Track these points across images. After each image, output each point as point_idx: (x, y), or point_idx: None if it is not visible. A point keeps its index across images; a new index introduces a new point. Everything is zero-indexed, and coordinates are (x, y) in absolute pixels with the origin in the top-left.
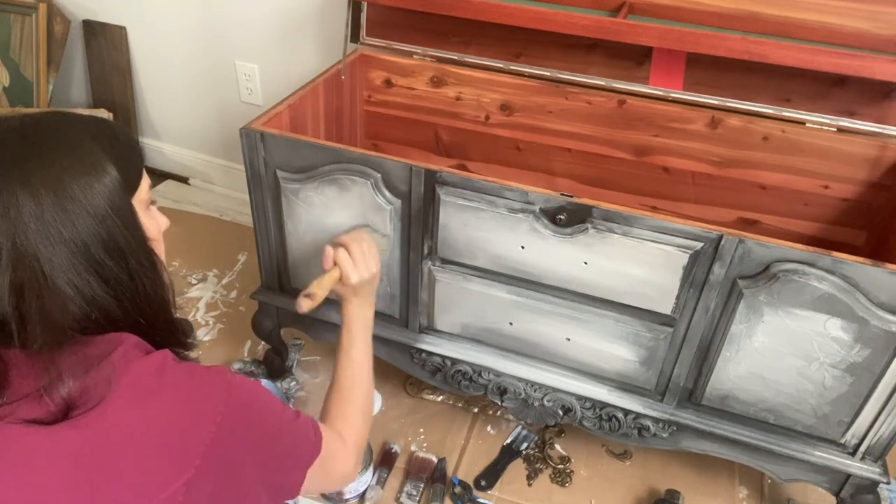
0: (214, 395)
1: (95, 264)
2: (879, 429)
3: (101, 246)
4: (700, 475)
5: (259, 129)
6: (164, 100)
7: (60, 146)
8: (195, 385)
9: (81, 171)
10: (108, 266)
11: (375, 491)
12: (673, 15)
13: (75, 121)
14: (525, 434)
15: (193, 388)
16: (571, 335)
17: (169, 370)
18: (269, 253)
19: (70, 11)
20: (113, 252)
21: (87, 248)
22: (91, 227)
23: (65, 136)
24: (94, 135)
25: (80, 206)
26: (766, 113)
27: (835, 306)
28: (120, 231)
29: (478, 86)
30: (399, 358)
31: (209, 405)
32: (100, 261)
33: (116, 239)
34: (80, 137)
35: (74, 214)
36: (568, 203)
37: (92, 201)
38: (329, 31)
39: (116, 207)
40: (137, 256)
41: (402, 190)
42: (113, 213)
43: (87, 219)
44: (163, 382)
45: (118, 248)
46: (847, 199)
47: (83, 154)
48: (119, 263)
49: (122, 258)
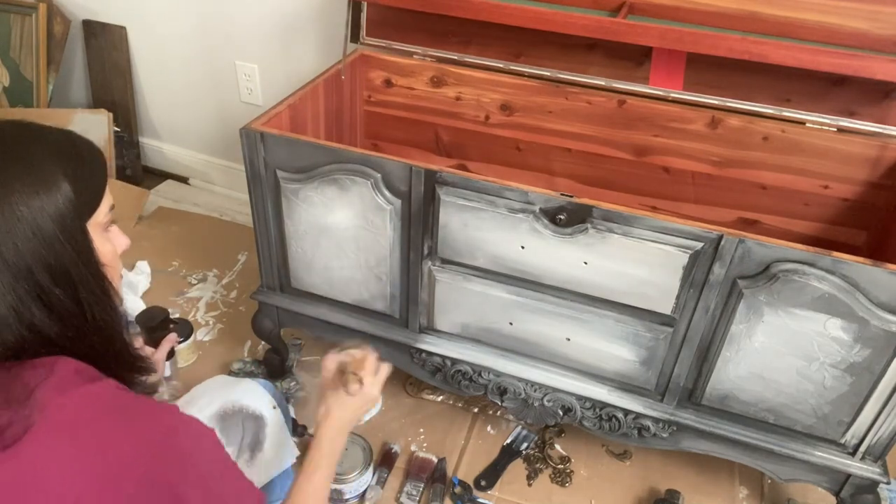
0: (149, 436)
1: (39, 290)
2: (879, 429)
3: (47, 271)
4: (700, 475)
5: (259, 129)
6: (164, 100)
7: (15, 162)
8: (131, 423)
9: (32, 191)
10: (54, 293)
11: (375, 491)
12: (673, 15)
13: (38, 135)
14: (525, 434)
15: (128, 426)
16: (571, 335)
17: (106, 403)
18: (269, 253)
19: (70, 11)
20: (60, 278)
21: (30, 273)
22: (36, 250)
23: (23, 151)
24: (56, 151)
25: (27, 226)
26: (766, 113)
27: (835, 306)
28: (69, 257)
29: (478, 86)
30: (399, 358)
31: (140, 447)
32: (45, 287)
33: (65, 265)
34: (39, 153)
35: (19, 236)
36: (568, 203)
37: (40, 223)
38: (329, 31)
39: (67, 231)
40: (88, 284)
41: (402, 190)
42: (62, 238)
43: (32, 242)
44: (96, 416)
45: (66, 275)
46: (847, 199)
47: (38, 172)
48: (66, 291)
49: (70, 285)
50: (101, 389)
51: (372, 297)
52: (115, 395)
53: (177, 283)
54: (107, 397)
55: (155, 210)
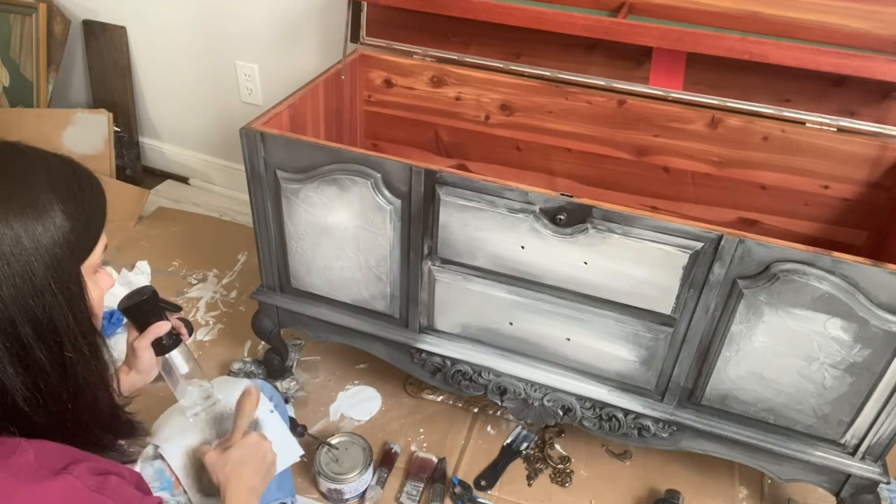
0: None
1: (19, 346)
2: (879, 429)
3: (31, 325)
4: (700, 475)
5: (259, 129)
6: (164, 100)
7: (8, 196)
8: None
9: (25, 228)
10: (35, 350)
11: (375, 491)
12: (673, 15)
13: (34, 160)
14: (525, 434)
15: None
16: (571, 335)
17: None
18: (269, 253)
19: (70, 11)
20: (44, 333)
21: (13, 326)
22: (23, 299)
23: (17, 181)
24: (53, 181)
25: (15, 272)
26: (766, 113)
27: (835, 306)
28: (60, 309)
29: (478, 86)
30: (399, 358)
31: None
32: (26, 343)
33: (53, 318)
34: (34, 181)
35: (4, 281)
36: (568, 203)
37: (33, 269)
38: (329, 31)
39: (61, 278)
40: (75, 342)
41: (402, 190)
42: (55, 286)
43: (20, 288)
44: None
45: (53, 330)
46: (847, 199)
47: (32, 205)
48: (50, 348)
49: (56, 342)
50: (62, 493)
51: (372, 297)
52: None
53: (177, 283)
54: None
55: (155, 210)
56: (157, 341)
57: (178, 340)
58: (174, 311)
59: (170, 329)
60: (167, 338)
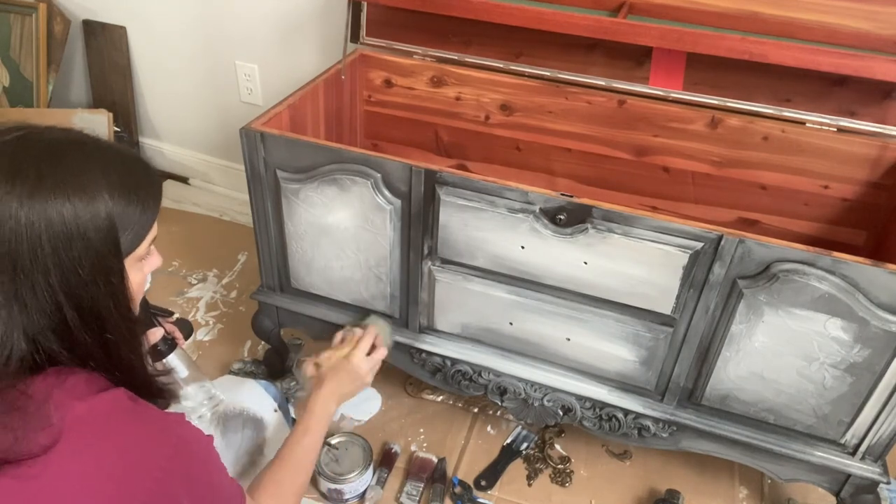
0: (161, 450)
1: (64, 327)
2: (879, 429)
3: (76, 310)
4: (700, 475)
5: (259, 129)
6: (164, 100)
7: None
8: (144, 437)
9: (75, 215)
10: (80, 330)
11: (375, 491)
12: (673, 15)
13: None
14: (525, 434)
15: (142, 440)
16: (571, 335)
17: (119, 415)
18: (269, 253)
19: (70, 11)
20: (88, 318)
21: (59, 310)
22: (71, 287)
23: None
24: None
25: (61, 259)
26: (766, 113)
27: (835, 306)
28: (103, 299)
29: (478, 86)
30: (399, 358)
31: (154, 460)
32: (72, 325)
33: (96, 307)
34: (89, 174)
35: (53, 270)
36: (568, 203)
37: (81, 260)
38: (329, 31)
39: (104, 271)
40: (116, 327)
41: (402, 190)
42: (101, 280)
43: (70, 278)
44: (110, 428)
45: (96, 316)
46: (847, 199)
47: (82, 192)
48: (93, 330)
49: (99, 326)
50: (114, 398)
51: (372, 297)
52: (130, 405)
53: (177, 283)
54: (123, 408)
55: None
56: (153, 348)
57: (173, 345)
58: (166, 317)
59: (164, 335)
60: (162, 343)
